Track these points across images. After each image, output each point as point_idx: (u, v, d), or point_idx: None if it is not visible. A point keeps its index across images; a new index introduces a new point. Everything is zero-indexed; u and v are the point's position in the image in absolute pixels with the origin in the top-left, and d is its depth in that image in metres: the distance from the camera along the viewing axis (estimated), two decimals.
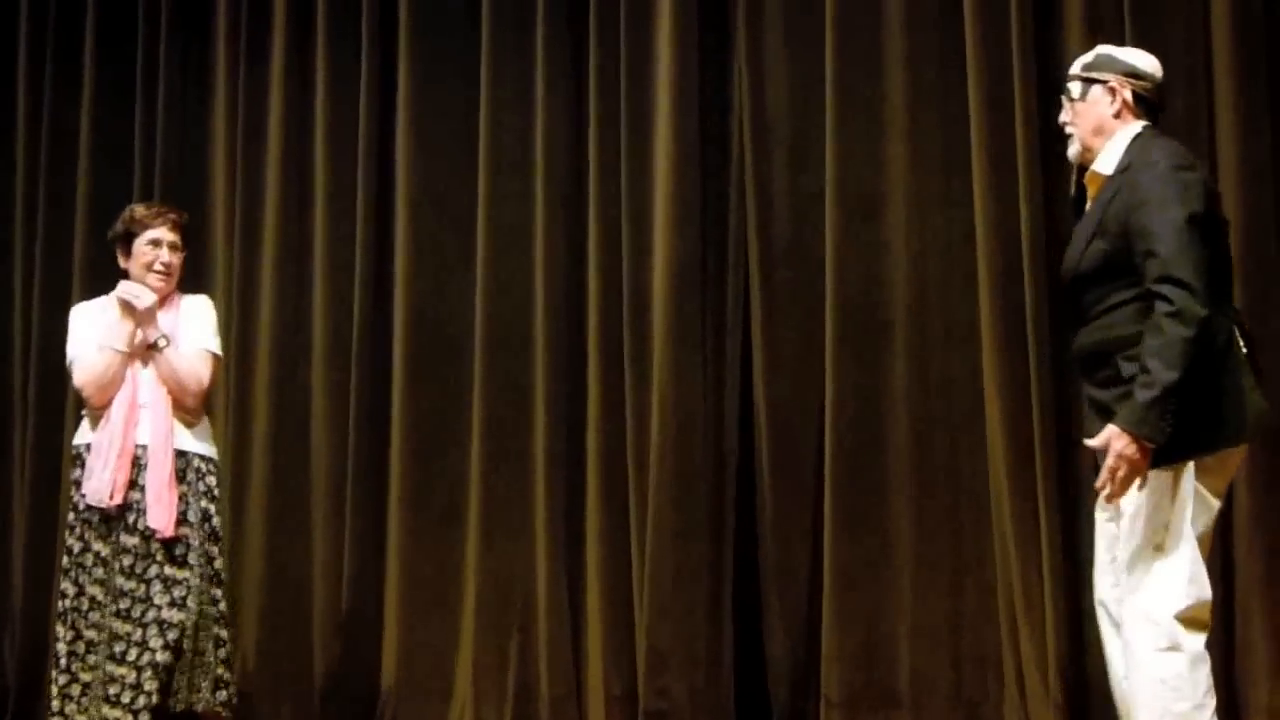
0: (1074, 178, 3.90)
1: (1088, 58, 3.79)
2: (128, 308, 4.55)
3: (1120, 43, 4.60)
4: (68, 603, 4.51)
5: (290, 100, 5.86)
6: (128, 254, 4.70)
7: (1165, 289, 3.36)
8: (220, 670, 4.55)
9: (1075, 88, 3.74)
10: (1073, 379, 4.69)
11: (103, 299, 4.79)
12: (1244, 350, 3.51)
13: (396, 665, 5.43)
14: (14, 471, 6.04)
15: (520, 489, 5.43)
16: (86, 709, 4.47)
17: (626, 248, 5.33)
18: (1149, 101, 3.69)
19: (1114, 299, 3.54)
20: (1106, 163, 3.62)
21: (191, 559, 4.51)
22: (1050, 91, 4.83)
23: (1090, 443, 3.43)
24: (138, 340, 4.56)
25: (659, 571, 5.11)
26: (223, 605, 4.60)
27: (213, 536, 4.59)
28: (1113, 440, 3.35)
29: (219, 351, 4.80)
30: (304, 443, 5.62)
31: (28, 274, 6.10)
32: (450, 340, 5.57)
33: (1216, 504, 3.52)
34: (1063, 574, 4.71)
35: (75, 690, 4.45)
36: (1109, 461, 3.36)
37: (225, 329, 5.62)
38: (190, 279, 5.57)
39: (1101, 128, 3.67)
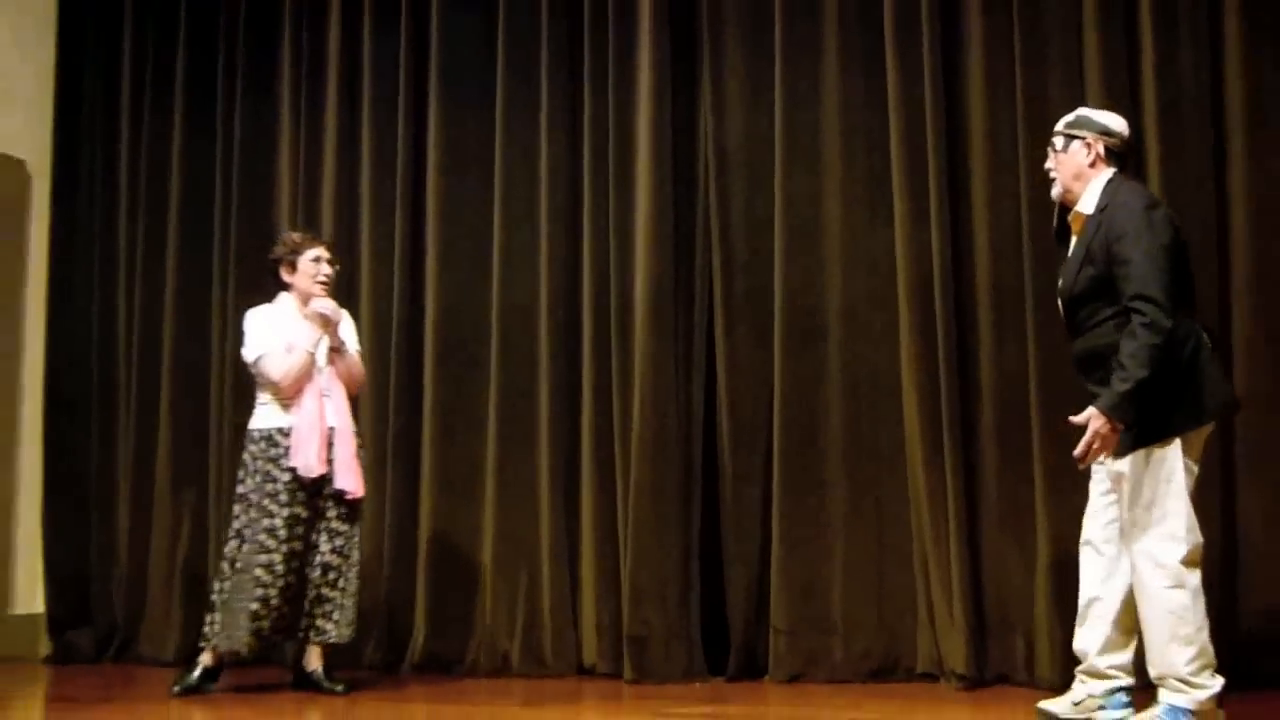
0: (1056, 213, 4.28)
1: (1070, 118, 4.22)
2: (324, 320, 5.07)
3: (1011, 94, 5.16)
4: (278, 557, 4.91)
5: (341, 142, 6.24)
6: (293, 270, 5.18)
7: (1139, 304, 3.78)
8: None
9: (1059, 141, 4.18)
10: (975, 372, 5.19)
11: (267, 307, 5.24)
12: (1209, 349, 3.94)
13: (428, 605, 5.77)
14: (118, 447, 6.46)
15: (528, 461, 5.76)
16: (281, 634, 5.03)
17: (614, 261, 5.67)
18: (1117, 153, 4.14)
19: (1102, 315, 3.96)
20: (1087, 204, 4.06)
21: (354, 517, 5.08)
22: (957, 134, 5.29)
23: (1074, 419, 3.87)
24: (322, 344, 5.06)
25: (640, 525, 5.44)
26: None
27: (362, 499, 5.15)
28: (1092, 419, 3.80)
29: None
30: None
31: (129, 285, 6.52)
32: (470, 340, 5.89)
33: (1195, 469, 3.94)
34: (965, 528, 5.10)
35: (266, 626, 4.93)
36: (1087, 435, 3.80)
37: None
38: (259, 287, 5.91)
39: (1080, 174, 4.11)
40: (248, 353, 5.13)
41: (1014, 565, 5.18)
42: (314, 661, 5.12)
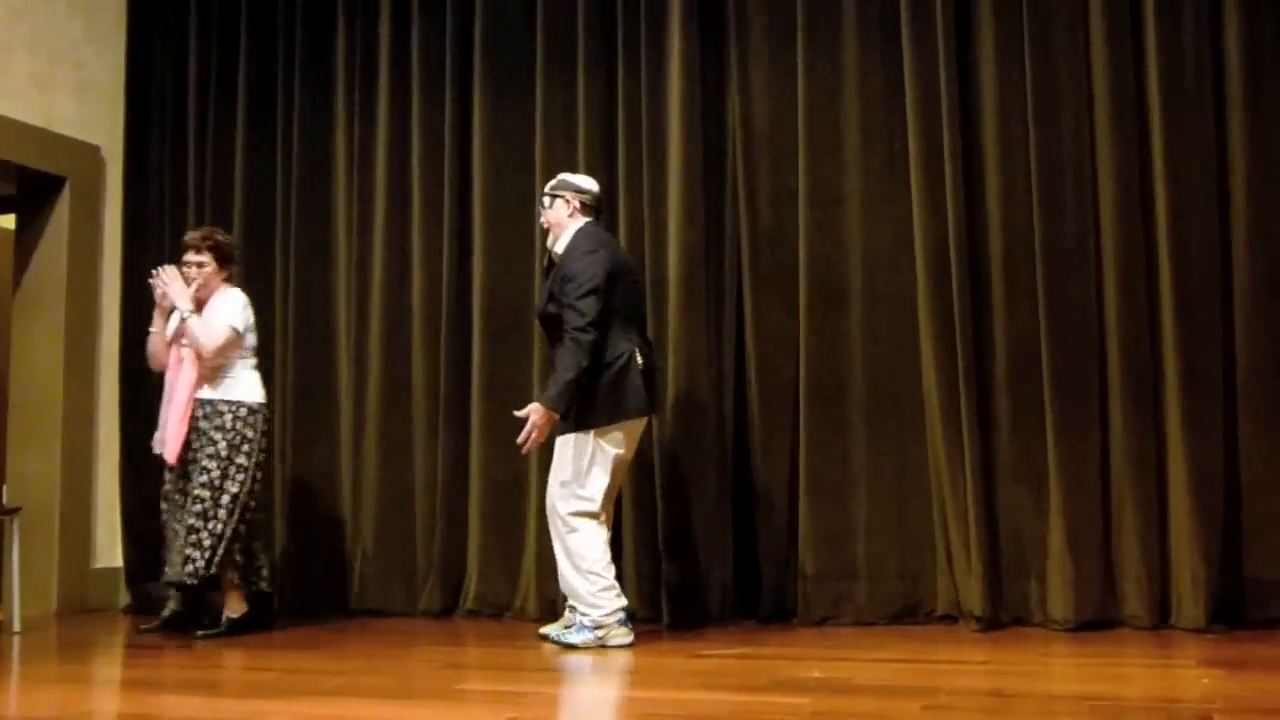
0: (547, 254, 4.98)
1: (553, 181, 4.99)
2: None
3: (1022, 71, 5.16)
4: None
5: (392, 129, 6.25)
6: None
7: (572, 332, 4.63)
8: (189, 550, 5.13)
9: (546, 200, 4.95)
10: (989, 333, 5.15)
11: None
12: (640, 365, 4.73)
13: (479, 554, 5.83)
14: None
15: None
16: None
17: (648, 235, 5.67)
18: (591, 207, 4.94)
19: (560, 333, 4.75)
20: (560, 246, 4.86)
21: (194, 472, 5.20)
22: (970, 112, 5.25)
23: (517, 412, 4.72)
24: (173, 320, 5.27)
25: (676, 480, 5.48)
26: (207, 504, 5.14)
27: (214, 457, 5.18)
28: (533, 412, 4.66)
29: (237, 325, 5.31)
30: (407, 385, 6.07)
31: None
32: (515, 312, 5.88)
33: (621, 452, 4.78)
34: (980, 478, 5.09)
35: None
36: (529, 425, 4.65)
37: (346, 299, 6.20)
38: (317, 262, 6.25)
39: (561, 224, 4.92)
40: None
41: (1027, 512, 5.18)
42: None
